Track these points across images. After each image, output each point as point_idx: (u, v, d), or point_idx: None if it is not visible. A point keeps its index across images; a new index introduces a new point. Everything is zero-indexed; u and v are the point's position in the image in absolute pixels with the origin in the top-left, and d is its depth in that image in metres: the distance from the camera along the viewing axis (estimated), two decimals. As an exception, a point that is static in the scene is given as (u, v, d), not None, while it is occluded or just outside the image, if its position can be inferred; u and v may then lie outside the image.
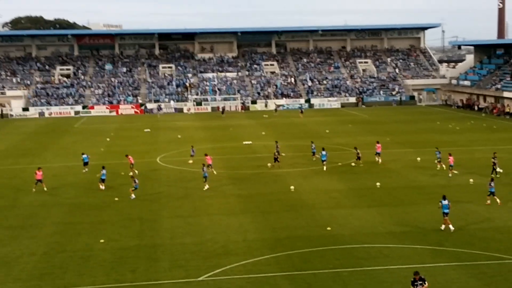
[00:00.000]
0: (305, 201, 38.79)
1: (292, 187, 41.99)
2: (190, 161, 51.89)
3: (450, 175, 45.49)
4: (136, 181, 41.11)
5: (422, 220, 34.10)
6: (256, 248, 29.54)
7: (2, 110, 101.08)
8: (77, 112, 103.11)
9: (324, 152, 49.04)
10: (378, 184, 42.88)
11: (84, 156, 50.24)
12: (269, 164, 50.27)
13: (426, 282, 21.65)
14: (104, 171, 43.19)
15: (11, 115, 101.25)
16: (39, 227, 33.98)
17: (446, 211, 32.03)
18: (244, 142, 62.83)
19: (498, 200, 36.96)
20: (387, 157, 54.16)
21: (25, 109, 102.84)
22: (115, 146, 64.06)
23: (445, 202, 32.19)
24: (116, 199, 40.20)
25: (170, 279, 25.67)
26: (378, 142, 52.18)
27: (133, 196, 40.17)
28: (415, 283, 21.65)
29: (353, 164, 50.72)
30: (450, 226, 31.92)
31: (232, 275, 26.04)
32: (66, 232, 32.89)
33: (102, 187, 42.94)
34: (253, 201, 39.23)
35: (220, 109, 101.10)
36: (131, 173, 46.89)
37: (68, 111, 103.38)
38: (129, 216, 35.96)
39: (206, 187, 42.31)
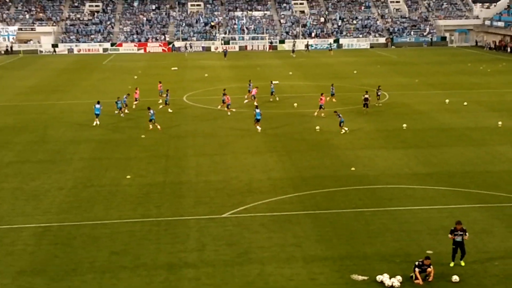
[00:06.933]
0: (330, 141, 38.72)
1: (317, 127, 41.86)
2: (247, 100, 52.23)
3: (316, 114, 45.76)
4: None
5: (448, 162, 33.90)
6: (280, 187, 29.79)
7: (40, 47, 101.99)
8: (105, 49, 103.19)
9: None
10: (404, 125, 42.51)
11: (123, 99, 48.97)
12: (295, 104, 50.08)
13: (467, 234, 20.96)
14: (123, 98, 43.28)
15: (41, 51, 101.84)
16: (67, 162, 34.65)
17: (258, 118, 40.55)
18: (271, 82, 62.37)
19: None
20: (415, 99, 53.56)
21: (55, 45, 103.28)
22: (143, 84, 64.16)
23: (258, 110, 40.75)
24: (143, 136, 40.64)
25: (195, 215, 26.12)
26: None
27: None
28: (455, 233, 20.91)
29: (376, 104, 50.23)
30: (258, 127, 40.52)
31: (255, 212, 26.38)
32: (94, 168, 33.50)
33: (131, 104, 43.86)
34: (278, 140, 39.29)
35: (222, 50, 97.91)
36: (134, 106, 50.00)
37: (96, 48, 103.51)
38: (155, 153, 36.39)
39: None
